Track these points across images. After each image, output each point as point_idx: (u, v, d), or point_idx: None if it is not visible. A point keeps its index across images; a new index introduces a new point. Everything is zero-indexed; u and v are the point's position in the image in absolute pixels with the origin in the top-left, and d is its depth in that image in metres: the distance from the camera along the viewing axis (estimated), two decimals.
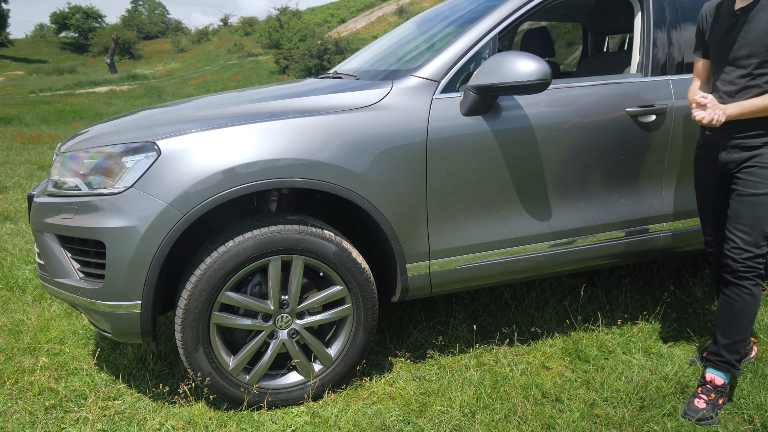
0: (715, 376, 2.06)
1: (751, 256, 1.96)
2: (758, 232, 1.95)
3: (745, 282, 1.98)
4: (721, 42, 2.00)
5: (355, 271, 2.10)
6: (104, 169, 1.97)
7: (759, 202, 1.95)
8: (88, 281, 2.00)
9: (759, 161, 1.96)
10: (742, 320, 2.01)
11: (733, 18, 1.95)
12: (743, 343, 2.05)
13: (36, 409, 2.09)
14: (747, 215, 1.96)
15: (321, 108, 2.10)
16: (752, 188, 1.96)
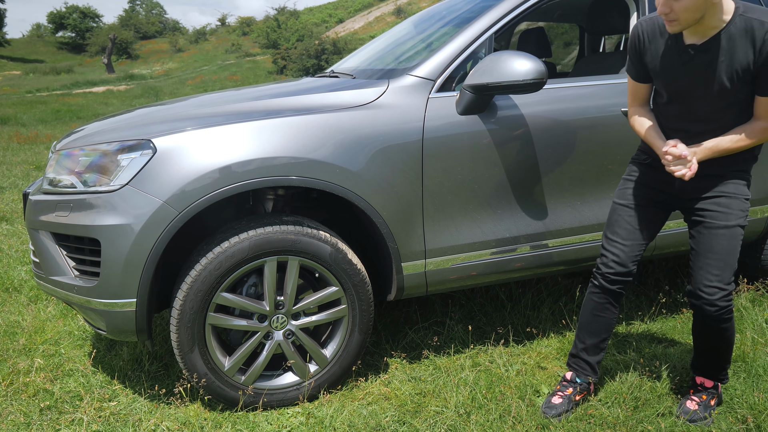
0: (704, 379, 2.05)
1: (725, 294, 1.85)
2: (729, 267, 1.85)
3: (722, 324, 1.89)
4: (672, 76, 1.83)
5: (350, 272, 2.10)
6: (100, 166, 1.97)
7: (732, 235, 1.84)
8: (83, 279, 2.00)
9: (725, 191, 1.85)
10: (722, 348, 1.98)
11: (685, 54, 1.77)
12: (728, 361, 2.03)
13: (31, 410, 2.09)
14: (720, 249, 1.84)
15: (317, 106, 2.10)
16: (724, 220, 1.84)
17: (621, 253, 1.98)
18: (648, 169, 2.00)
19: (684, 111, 1.87)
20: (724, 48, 1.70)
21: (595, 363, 2.11)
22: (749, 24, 1.66)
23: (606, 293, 2.03)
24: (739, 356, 2.35)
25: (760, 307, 2.79)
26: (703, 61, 1.74)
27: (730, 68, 1.71)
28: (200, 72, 28.26)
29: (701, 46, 1.73)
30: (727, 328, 1.91)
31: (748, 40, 1.67)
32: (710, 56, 1.72)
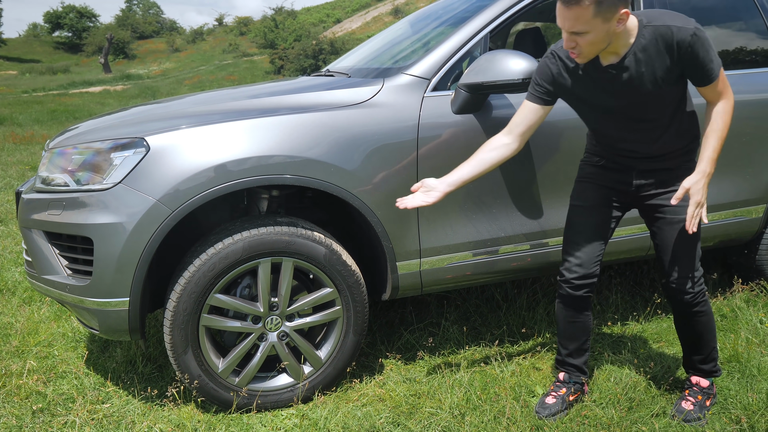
0: (699, 379, 2.07)
1: (694, 282, 1.92)
2: (692, 257, 1.91)
3: (697, 308, 1.95)
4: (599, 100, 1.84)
5: (345, 273, 2.09)
6: (92, 165, 1.96)
7: None
8: (75, 278, 1.99)
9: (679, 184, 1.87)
10: (706, 336, 2.01)
11: (606, 75, 1.78)
12: (715, 350, 2.05)
13: (23, 412, 2.08)
14: (684, 242, 1.89)
15: (312, 105, 2.09)
16: (682, 213, 1.88)
17: (583, 255, 1.99)
18: (602, 170, 2.01)
19: (623, 129, 1.88)
20: (642, 60, 1.74)
21: (582, 364, 2.12)
22: (657, 32, 1.71)
23: (574, 300, 2.03)
24: (733, 356, 2.35)
25: (755, 308, 2.79)
26: (626, 78, 1.77)
27: (652, 76, 1.75)
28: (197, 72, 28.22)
29: (619, 64, 1.75)
30: (704, 312, 1.97)
31: (662, 46, 1.71)
32: (631, 71, 1.75)
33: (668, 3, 2.59)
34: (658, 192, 1.92)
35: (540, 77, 1.90)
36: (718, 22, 2.75)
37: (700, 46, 1.69)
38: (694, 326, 2.00)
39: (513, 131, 1.95)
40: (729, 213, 2.72)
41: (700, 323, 1.99)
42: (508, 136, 1.95)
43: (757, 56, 2.80)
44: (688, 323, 2.00)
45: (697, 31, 1.69)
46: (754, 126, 2.67)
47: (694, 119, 1.92)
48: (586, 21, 1.62)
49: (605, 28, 1.65)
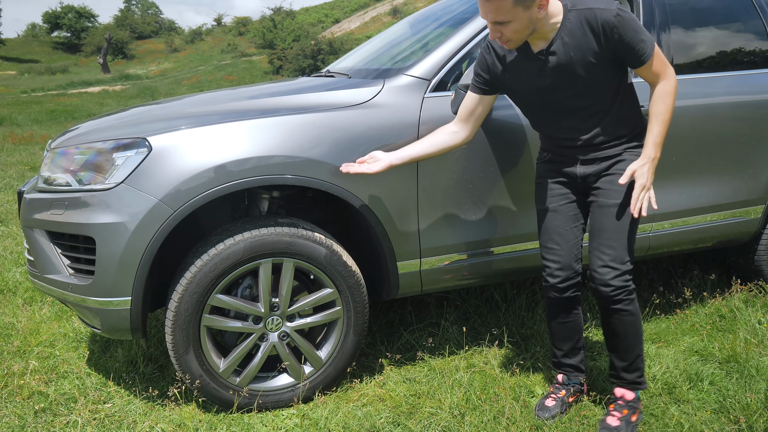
0: (624, 392, 1.98)
1: (619, 273, 1.83)
2: (622, 246, 1.83)
3: (619, 305, 1.86)
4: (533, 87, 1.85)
5: (345, 274, 2.10)
6: (95, 165, 1.97)
7: (623, 213, 1.84)
8: (77, 277, 2.00)
9: (621, 169, 1.86)
10: (630, 339, 1.92)
11: (537, 61, 1.80)
12: (640, 358, 1.95)
13: (25, 412, 2.09)
14: (610, 227, 1.84)
15: (313, 105, 2.11)
16: (614, 198, 1.84)
17: (561, 258, 1.98)
18: (551, 165, 2.01)
19: (560, 117, 1.88)
20: (570, 44, 1.74)
21: (579, 362, 2.12)
22: (582, 15, 1.72)
23: (562, 302, 2.03)
24: (731, 356, 2.37)
25: (753, 308, 2.80)
26: (556, 63, 1.78)
27: (582, 60, 1.75)
28: (196, 72, 28.20)
29: (548, 49, 1.77)
30: (628, 311, 1.88)
31: (588, 30, 1.71)
32: (560, 56, 1.76)
33: (667, 5, 2.60)
34: (603, 175, 1.90)
35: (478, 68, 1.95)
36: (716, 23, 2.76)
37: (626, 26, 1.68)
38: (616, 326, 1.91)
39: (460, 120, 2.01)
40: (727, 213, 2.73)
41: (622, 323, 1.89)
42: (456, 124, 2.01)
43: (755, 57, 2.81)
44: (610, 321, 1.92)
45: (620, 12, 1.68)
46: (752, 127, 2.68)
47: (636, 108, 1.91)
48: (507, 11, 1.66)
49: (527, 15, 1.68)
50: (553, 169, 2.01)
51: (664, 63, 1.77)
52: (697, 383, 2.22)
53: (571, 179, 1.97)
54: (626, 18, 1.69)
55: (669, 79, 1.78)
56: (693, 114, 2.56)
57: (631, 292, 1.88)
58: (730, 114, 2.65)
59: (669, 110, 1.78)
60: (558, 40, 1.75)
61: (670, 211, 2.59)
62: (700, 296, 3.00)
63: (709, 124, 2.61)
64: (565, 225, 1.99)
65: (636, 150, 1.89)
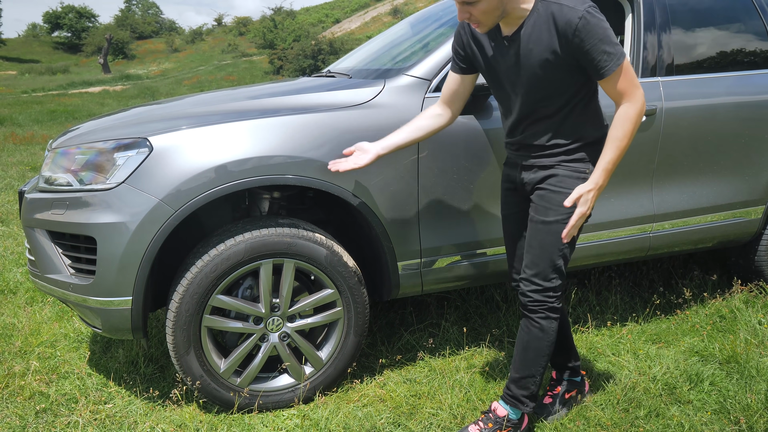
0: (498, 406, 1.91)
1: (539, 289, 1.78)
2: (547, 264, 1.77)
3: (533, 315, 1.81)
4: (495, 71, 1.80)
5: (346, 274, 2.11)
6: (96, 165, 1.98)
7: (549, 231, 1.76)
8: (78, 277, 2.00)
9: (551, 184, 1.77)
10: (529, 354, 1.84)
11: (501, 46, 1.74)
12: (532, 380, 1.86)
13: (27, 413, 2.09)
14: (536, 244, 1.79)
15: (314, 106, 2.11)
16: (542, 215, 1.77)
17: (517, 264, 1.97)
18: (507, 169, 1.96)
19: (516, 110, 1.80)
20: (531, 35, 1.66)
21: (565, 362, 2.10)
22: (549, 9, 1.62)
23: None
24: (731, 357, 2.37)
25: (753, 309, 2.80)
26: (516, 52, 1.70)
27: (539, 55, 1.66)
28: (197, 72, 28.21)
29: (512, 36, 1.70)
30: (540, 327, 1.81)
31: (552, 25, 1.61)
32: (521, 45, 1.68)
33: (668, 5, 2.60)
34: (537, 188, 1.83)
35: (455, 45, 1.90)
36: (717, 23, 2.76)
37: (589, 31, 1.56)
38: (522, 334, 1.86)
39: (443, 102, 1.98)
40: (728, 214, 2.73)
41: (528, 333, 1.84)
42: (440, 107, 1.98)
43: (756, 58, 2.81)
44: (521, 328, 1.87)
45: (587, 14, 1.56)
46: (752, 127, 2.68)
47: (590, 123, 1.78)
48: None
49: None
50: (508, 174, 1.96)
51: (631, 83, 1.63)
52: (698, 384, 2.23)
53: (517, 184, 1.91)
54: (592, 23, 1.56)
55: (633, 103, 1.64)
56: (694, 114, 2.56)
57: (550, 310, 1.81)
58: (730, 114, 2.65)
59: (627, 137, 1.65)
60: (523, 29, 1.67)
61: (672, 211, 2.59)
62: (701, 297, 3.00)
63: (709, 124, 2.61)
64: (516, 233, 1.97)
65: (572, 165, 1.77)
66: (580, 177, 1.76)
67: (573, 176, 1.77)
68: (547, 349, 1.85)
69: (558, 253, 1.78)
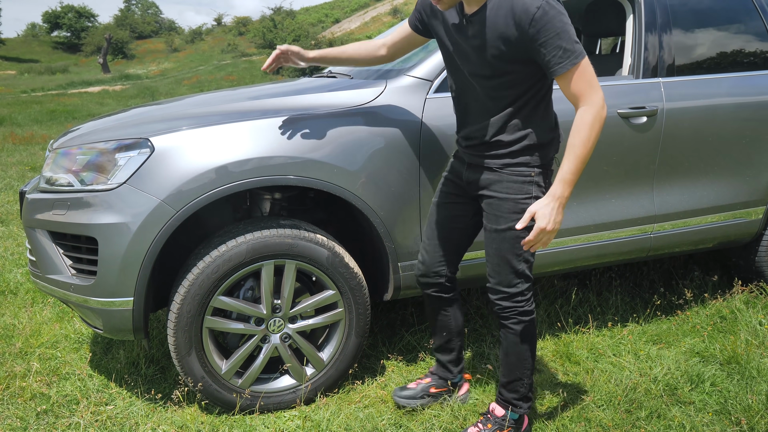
0: (496, 406, 1.92)
1: (505, 296, 1.78)
2: (507, 271, 1.75)
3: (506, 322, 1.81)
4: (451, 49, 1.74)
5: (347, 275, 2.11)
6: (97, 165, 1.97)
7: (503, 239, 1.74)
8: (80, 278, 2.00)
9: (497, 190, 1.74)
10: (511, 359, 1.85)
11: (461, 24, 1.68)
12: (520, 383, 1.87)
13: (27, 414, 2.09)
14: (493, 252, 1.78)
15: (315, 106, 2.11)
16: (494, 223, 1.75)
17: (426, 255, 1.99)
18: (453, 162, 1.94)
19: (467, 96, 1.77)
20: (489, 19, 1.58)
21: (447, 362, 2.10)
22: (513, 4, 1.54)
23: (427, 295, 2.03)
24: (732, 358, 2.37)
25: (754, 309, 2.80)
26: (472, 34, 1.64)
27: (494, 42, 1.59)
28: (196, 72, 28.18)
29: (471, 16, 1.63)
30: (516, 332, 1.81)
31: (510, 13, 1.55)
32: (478, 28, 1.62)
33: (669, 5, 2.60)
34: (481, 194, 1.80)
35: (420, 4, 1.87)
36: (718, 24, 2.76)
37: (546, 23, 1.49)
38: (503, 341, 1.87)
39: (386, 41, 2.02)
40: (728, 215, 2.74)
41: (507, 340, 1.84)
42: (383, 48, 2.03)
43: (756, 58, 2.81)
44: (501, 335, 1.87)
45: (546, 5, 1.49)
46: (753, 128, 2.68)
47: (538, 124, 1.71)
48: None
49: None
50: (454, 166, 1.93)
51: (588, 84, 1.54)
52: (699, 384, 2.23)
53: (460, 180, 1.89)
54: (551, 14, 1.48)
55: (591, 107, 1.54)
56: (695, 115, 2.56)
57: (522, 314, 1.79)
58: (731, 115, 2.65)
59: (585, 145, 1.54)
60: (482, 10, 1.60)
61: (673, 211, 2.59)
62: (701, 297, 3.00)
63: (710, 125, 2.61)
64: (440, 222, 1.94)
65: (517, 169, 1.72)
66: (526, 181, 1.71)
67: (519, 180, 1.72)
68: (528, 351, 1.84)
69: (517, 259, 1.74)
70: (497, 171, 1.74)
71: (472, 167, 1.82)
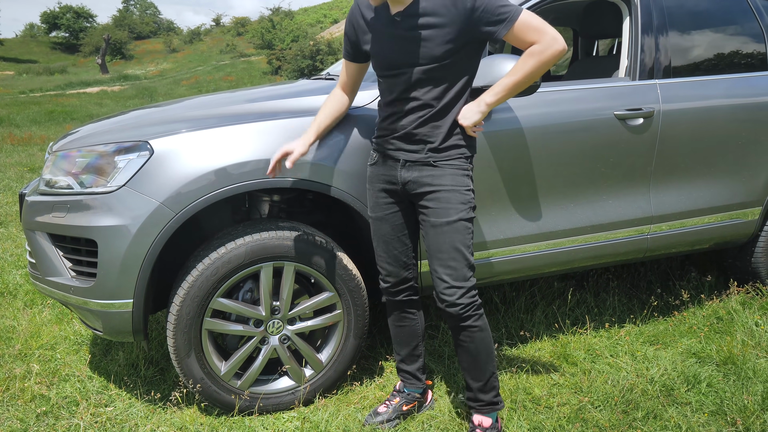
0: (482, 419, 1.92)
1: (464, 291, 1.78)
2: (462, 263, 1.77)
3: (468, 322, 1.81)
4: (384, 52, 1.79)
5: (345, 277, 2.12)
6: (96, 168, 1.98)
7: (455, 230, 1.76)
8: (79, 280, 2.01)
9: (443, 184, 1.77)
10: (482, 356, 1.86)
11: (392, 24, 1.74)
12: (494, 377, 1.90)
13: (27, 416, 2.10)
14: (447, 247, 1.77)
15: (312, 109, 2.12)
16: (444, 216, 1.76)
17: (388, 266, 1.98)
18: (378, 169, 1.92)
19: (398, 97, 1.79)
20: (427, 9, 1.67)
21: (416, 370, 2.10)
22: None
23: (396, 304, 2.04)
24: (728, 358, 2.38)
25: (750, 310, 2.82)
26: (408, 27, 1.70)
27: (438, 31, 1.67)
28: (195, 72, 28.17)
29: (404, 11, 1.70)
30: (478, 327, 1.83)
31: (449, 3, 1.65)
32: (414, 20, 1.69)
33: (665, 7, 2.62)
34: (423, 192, 1.82)
35: (345, 32, 1.91)
36: (714, 26, 2.78)
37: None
38: (467, 344, 1.86)
39: (343, 86, 2.00)
40: (725, 215, 2.75)
41: (473, 340, 1.84)
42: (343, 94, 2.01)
43: (752, 60, 2.83)
44: (463, 340, 1.86)
45: None
46: (749, 129, 2.70)
47: None
48: None
49: None
50: (379, 174, 1.92)
51: (537, 30, 1.65)
52: (695, 385, 2.24)
53: (393, 185, 1.88)
54: None
55: (539, 44, 1.66)
56: (691, 117, 2.58)
57: (478, 308, 1.82)
58: (727, 117, 2.67)
59: (525, 70, 1.69)
60: (416, 4, 1.68)
61: (669, 213, 2.61)
62: (698, 298, 3.02)
63: (706, 126, 2.63)
64: (389, 234, 1.95)
65: (459, 164, 1.80)
66: (464, 174, 1.81)
67: (459, 173, 1.80)
68: (491, 342, 1.88)
69: (468, 249, 1.80)
70: (437, 164, 1.80)
71: (410, 165, 1.83)
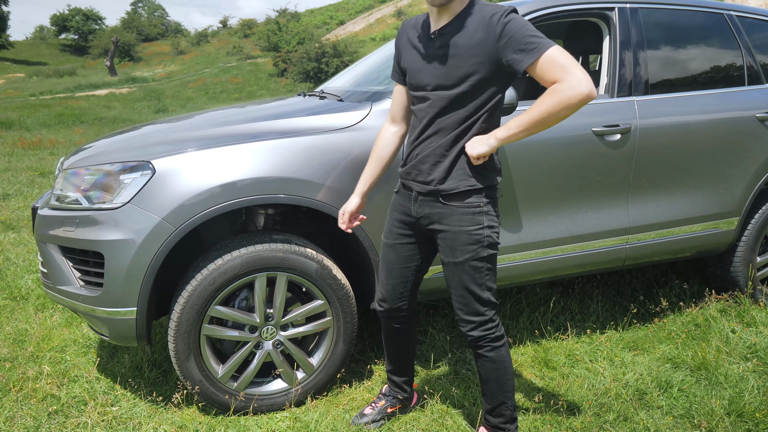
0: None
1: (475, 325, 1.83)
2: (473, 299, 1.81)
3: (480, 351, 1.86)
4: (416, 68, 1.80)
5: (335, 286, 2.26)
6: (103, 185, 2.14)
7: (463, 270, 1.79)
8: (88, 289, 2.16)
9: (450, 224, 1.79)
10: (491, 385, 1.90)
11: (428, 42, 1.76)
12: (504, 406, 1.91)
13: (40, 414, 2.25)
14: (456, 285, 1.83)
15: (303, 129, 2.25)
16: (452, 257, 1.80)
17: (385, 292, 2.04)
18: (399, 199, 1.95)
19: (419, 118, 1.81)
20: (459, 28, 1.70)
21: (403, 383, 2.20)
22: (484, 12, 1.68)
23: (389, 327, 2.11)
24: (702, 364, 2.50)
25: (728, 317, 2.93)
26: (440, 45, 1.73)
27: (466, 51, 1.68)
28: (202, 74, 28.42)
29: (441, 29, 1.73)
30: (490, 358, 1.86)
31: (482, 26, 1.66)
32: (447, 38, 1.72)
33: (643, 24, 2.72)
34: (434, 229, 1.84)
35: (394, 55, 1.93)
36: (691, 43, 2.88)
37: (514, 20, 1.63)
38: (480, 370, 1.92)
39: (395, 118, 1.99)
40: (703, 225, 2.86)
41: (484, 368, 1.89)
42: (394, 124, 2.00)
43: (730, 76, 2.93)
44: (477, 363, 1.92)
45: (512, 11, 1.66)
46: (726, 143, 2.81)
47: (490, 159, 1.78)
48: None
49: None
50: (398, 203, 1.95)
51: (562, 69, 1.58)
52: (668, 389, 2.36)
53: (409, 217, 1.91)
54: (518, 17, 1.64)
55: (562, 83, 1.58)
56: (668, 132, 2.69)
57: (493, 340, 1.84)
58: (705, 131, 2.78)
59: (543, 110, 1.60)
60: (454, 22, 1.72)
61: (647, 223, 2.72)
62: (678, 306, 3.13)
63: (684, 141, 2.74)
64: (393, 263, 1.98)
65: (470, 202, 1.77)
66: (477, 212, 1.77)
67: (470, 212, 1.77)
68: (506, 375, 1.89)
69: (480, 288, 1.81)
70: (445, 203, 1.79)
71: (423, 201, 1.84)
